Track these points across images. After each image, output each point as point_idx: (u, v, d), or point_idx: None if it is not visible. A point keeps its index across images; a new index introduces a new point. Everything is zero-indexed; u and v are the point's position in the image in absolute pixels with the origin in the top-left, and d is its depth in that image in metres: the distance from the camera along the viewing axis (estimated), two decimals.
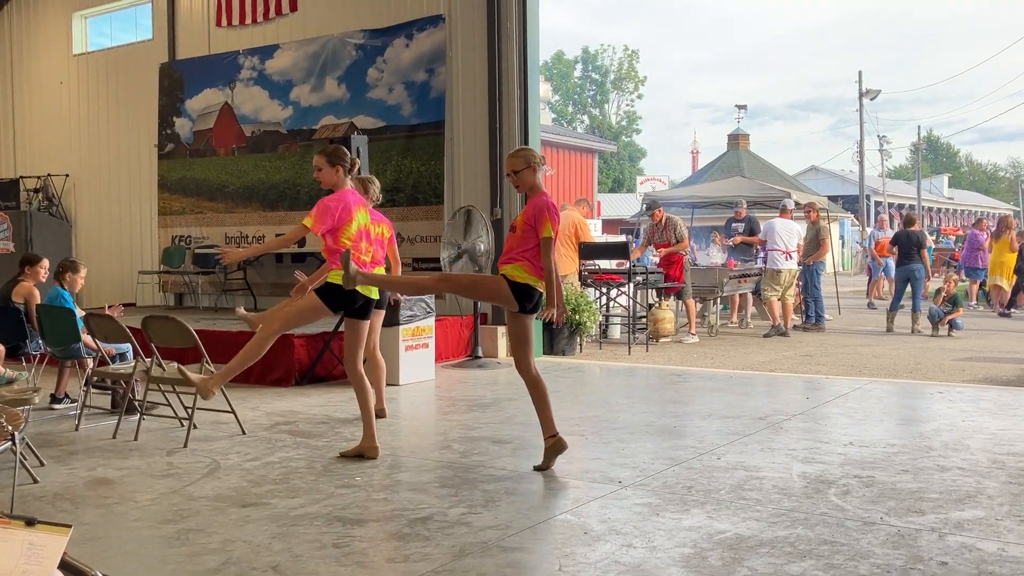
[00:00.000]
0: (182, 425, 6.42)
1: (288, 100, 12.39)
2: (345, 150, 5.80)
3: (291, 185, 12.32)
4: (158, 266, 13.43)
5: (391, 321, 8.41)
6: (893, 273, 15.19)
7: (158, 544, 4.13)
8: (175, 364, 6.70)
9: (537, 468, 5.29)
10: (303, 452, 5.86)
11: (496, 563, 3.81)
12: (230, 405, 6.42)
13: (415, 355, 8.54)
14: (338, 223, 5.55)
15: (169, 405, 6.79)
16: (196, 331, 6.29)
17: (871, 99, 44.98)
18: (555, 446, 5.31)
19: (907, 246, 13.70)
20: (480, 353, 9.69)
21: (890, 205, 49.55)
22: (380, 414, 6.69)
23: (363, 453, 5.63)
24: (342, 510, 4.56)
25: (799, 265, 13.52)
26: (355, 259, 5.40)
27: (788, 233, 13.22)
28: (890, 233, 17.46)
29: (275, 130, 12.52)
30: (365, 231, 5.74)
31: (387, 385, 8.27)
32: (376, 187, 6.85)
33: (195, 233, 13.24)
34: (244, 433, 6.38)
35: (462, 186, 10.70)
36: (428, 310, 8.73)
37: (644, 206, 20.76)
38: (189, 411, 6.22)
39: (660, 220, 12.82)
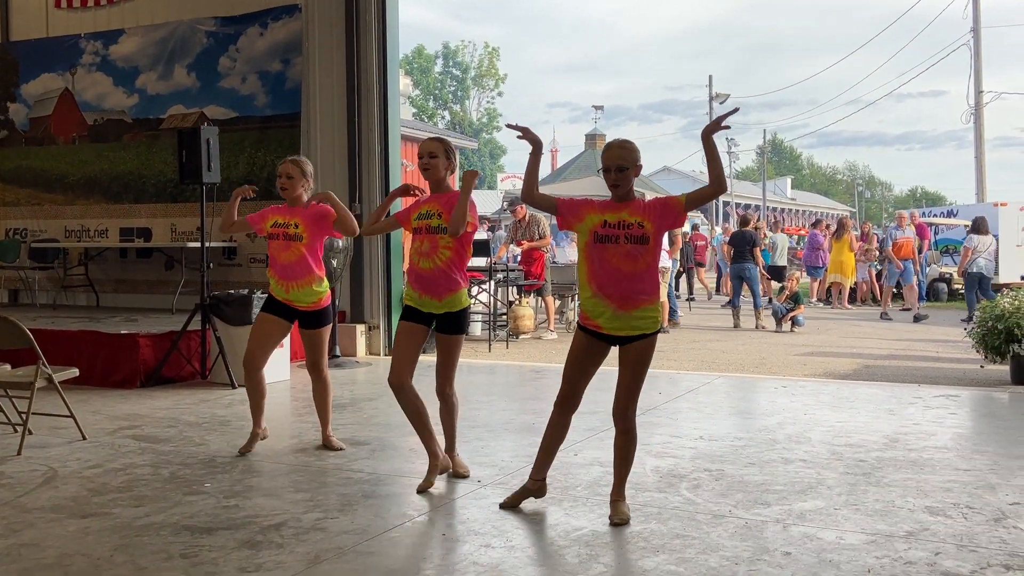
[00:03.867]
0: (15, 431, 6.01)
1: (134, 87, 11.82)
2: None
3: (136, 176, 11.76)
4: None
5: (242, 320, 8.14)
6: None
7: None
8: (7, 366, 6.29)
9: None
10: (148, 458, 5.59)
11: (352, 568, 3.73)
12: (69, 408, 6.06)
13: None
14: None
15: (1, 410, 6.35)
16: (31, 330, 5.89)
17: (720, 103, 46.76)
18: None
19: (740, 245, 14.37)
20: (338, 352, 9.50)
21: (737, 205, 51.65)
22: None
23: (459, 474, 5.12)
24: (190, 518, 4.37)
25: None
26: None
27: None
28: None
29: (119, 118, 11.92)
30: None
31: (239, 386, 8.03)
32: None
33: (31, 226, 12.46)
34: (84, 438, 6.04)
35: (319, 180, 10.43)
36: None
37: (505, 204, 20.88)
38: (23, 416, 5.83)
39: (523, 218, 12.91)
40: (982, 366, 9.18)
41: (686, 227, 15.92)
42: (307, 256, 5.58)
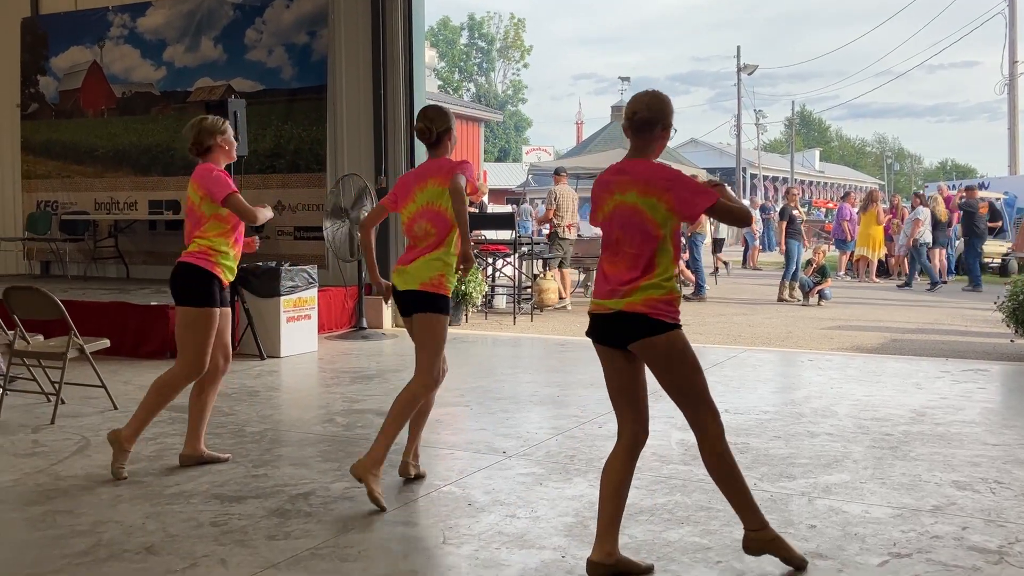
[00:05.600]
0: (48, 400, 6.11)
1: (161, 60, 11.86)
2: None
3: (164, 149, 11.82)
4: (22, 233, 12.72)
5: (271, 292, 8.21)
6: (775, 246, 15.70)
7: (22, 527, 3.93)
8: (39, 337, 6.38)
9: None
10: (178, 428, 5.66)
11: (380, 537, 3.77)
12: (100, 379, 6.16)
13: (297, 326, 8.36)
14: None
15: (34, 380, 6.45)
16: (63, 302, 5.98)
17: (748, 74, 46.31)
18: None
19: (793, 220, 14.24)
20: (364, 324, 9.57)
21: (765, 178, 51.22)
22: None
23: None
24: (220, 487, 4.43)
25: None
26: None
27: None
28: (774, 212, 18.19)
29: (147, 91, 11.97)
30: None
31: (268, 357, 8.12)
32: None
33: (62, 198, 12.58)
34: (116, 408, 6.13)
35: (345, 153, 10.48)
36: (310, 280, 8.56)
37: (529, 176, 20.77)
38: (56, 385, 5.93)
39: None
40: (1012, 340, 9.08)
41: None
42: None
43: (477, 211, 14.01)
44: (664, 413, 5.97)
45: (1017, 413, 6.17)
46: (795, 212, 14.49)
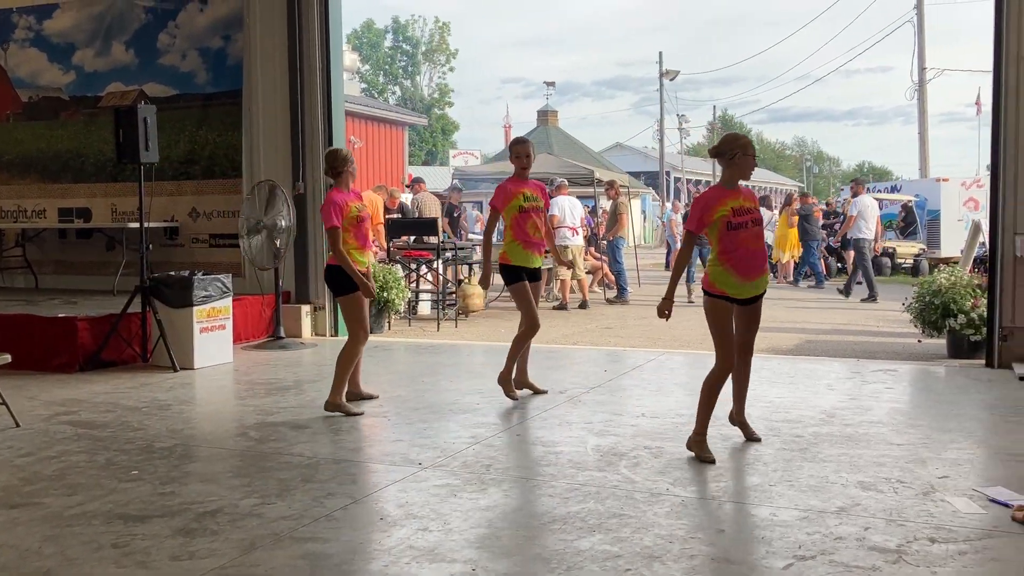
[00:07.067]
0: None
1: (70, 64, 11.52)
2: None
3: (75, 155, 11.49)
4: None
5: (183, 302, 8.03)
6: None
7: None
8: None
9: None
10: (84, 444, 5.50)
11: (287, 555, 3.70)
12: (0, 396, 5.93)
13: (211, 337, 8.18)
14: None
15: None
16: None
17: (671, 80, 47.00)
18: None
19: None
20: (282, 333, 9.41)
21: (688, 181, 51.99)
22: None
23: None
24: (124, 506, 4.30)
25: (601, 240, 13.96)
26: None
27: (573, 209, 13.59)
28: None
29: (56, 96, 11.61)
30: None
31: (181, 369, 7.93)
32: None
33: None
34: (18, 425, 5.91)
35: (262, 159, 10.29)
36: (224, 290, 8.38)
37: (455, 180, 20.77)
38: None
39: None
40: (920, 340, 9.37)
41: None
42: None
43: (400, 216, 13.90)
44: (583, 420, 6.02)
45: (922, 412, 6.36)
46: None
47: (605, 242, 14.40)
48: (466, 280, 12.87)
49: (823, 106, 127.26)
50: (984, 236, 9.80)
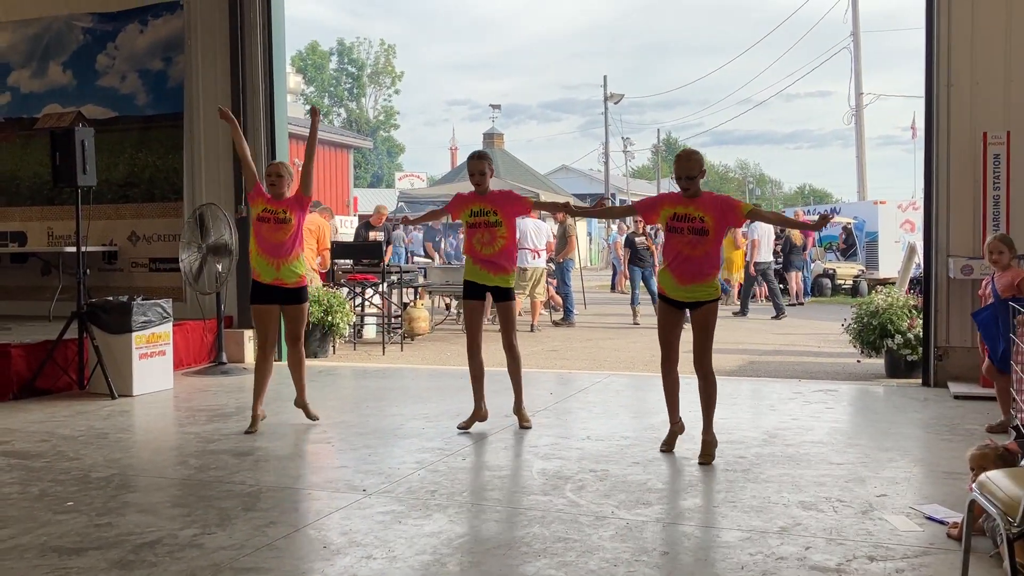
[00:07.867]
0: None
1: (5, 85, 11.29)
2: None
3: (9, 178, 11.25)
4: None
5: (122, 328, 7.87)
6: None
7: None
8: None
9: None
10: (17, 475, 5.34)
11: None
12: None
13: (150, 363, 8.03)
14: None
15: None
16: None
17: (615, 103, 47.52)
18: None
19: (635, 247, 14.83)
20: (224, 359, 9.27)
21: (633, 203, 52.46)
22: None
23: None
24: (59, 539, 4.19)
25: (549, 263, 14.01)
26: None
27: (537, 231, 13.63)
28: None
29: None
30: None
31: (119, 396, 7.77)
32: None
33: None
34: None
35: (203, 182, 10.17)
36: (164, 315, 8.23)
37: (400, 204, 20.71)
38: None
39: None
40: (859, 360, 9.55)
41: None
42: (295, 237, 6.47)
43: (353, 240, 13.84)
44: (528, 443, 6.02)
45: (861, 431, 6.47)
46: (638, 239, 14.92)
47: (553, 265, 14.46)
48: (412, 304, 12.82)
49: (765, 129, 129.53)
50: (919, 258, 10.05)
